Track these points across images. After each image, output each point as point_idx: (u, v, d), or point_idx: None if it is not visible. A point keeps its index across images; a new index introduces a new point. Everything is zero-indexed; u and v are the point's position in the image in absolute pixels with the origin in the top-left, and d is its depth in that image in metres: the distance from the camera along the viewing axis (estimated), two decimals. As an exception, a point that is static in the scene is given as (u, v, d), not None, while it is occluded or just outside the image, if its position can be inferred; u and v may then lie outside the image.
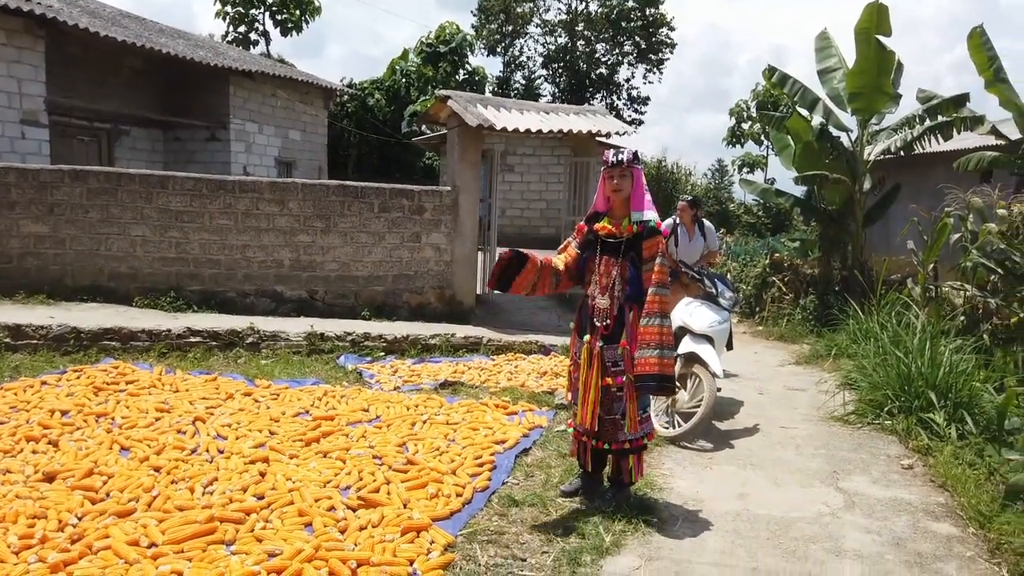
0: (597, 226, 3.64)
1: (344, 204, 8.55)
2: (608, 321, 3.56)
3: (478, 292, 9.44)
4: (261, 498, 3.60)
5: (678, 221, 7.14)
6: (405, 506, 3.56)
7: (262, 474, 3.90)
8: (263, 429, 4.67)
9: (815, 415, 5.68)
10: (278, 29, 25.18)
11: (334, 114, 22.03)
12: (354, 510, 3.52)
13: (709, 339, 5.13)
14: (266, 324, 7.26)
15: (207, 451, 4.25)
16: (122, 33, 12.74)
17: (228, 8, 24.61)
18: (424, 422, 4.92)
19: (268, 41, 25.37)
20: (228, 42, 23.61)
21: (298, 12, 24.61)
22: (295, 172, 16.81)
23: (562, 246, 3.83)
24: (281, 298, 8.47)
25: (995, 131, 10.29)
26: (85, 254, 8.02)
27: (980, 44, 9.81)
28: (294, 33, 25.24)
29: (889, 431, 5.12)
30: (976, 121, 9.81)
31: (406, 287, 8.80)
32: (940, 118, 9.94)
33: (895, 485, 4.15)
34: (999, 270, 6.55)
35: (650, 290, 3.49)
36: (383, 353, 7.12)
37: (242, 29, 25.00)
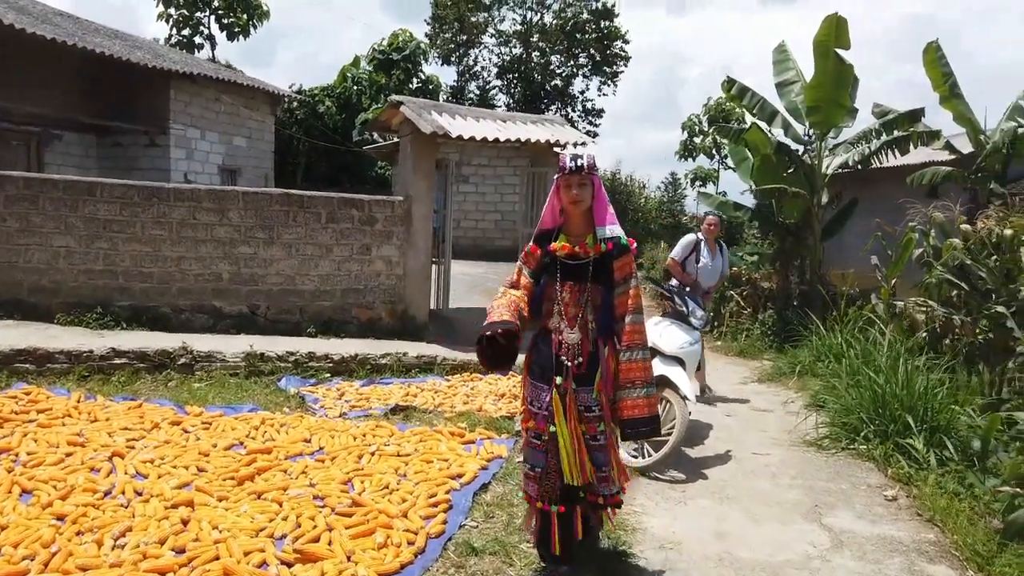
0: (554, 246, 3.02)
1: (289, 214, 8.05)
2: (581, 359, 2.97)
3: (432, 307, 9.02)
4: (181, 552, 3.13)
5: (702, 238, 6.74)
6: (349, 558, 3.13)
7: (184, 521, 3.41)
8: (190, 465, 4.17)
9: (786, 439, 5.42)
10: (224, 33, 24.37)
11: (282, 121, 21.36)
12: (290, 565, 3.07)
13: (680, 361, 4.82)
14: (201, 343, 6.71)
15: (123, 493, 3.73)
16: (52, 31, 11.99)
17: (171, 11, 23.72)
18: (372, 454, 4.48)
19: (214, 45, 24.56)
20: (172, 45, 22.73)
21: (245, 16, 23.85)
22: (240, 180, 16.13)
23: (512, 277, 3.13)
24: (219, 314, 7.91)
25: (949, 146, 10.35)
26: (1, 267, 7.35)
27: (935, 60, 9.85)
28: (241, 37, 24.44)
29: (866, 457, 4.88)
30: (932, 136, 9.84)
31: (355, 302, 8.33)
32: (896, 133, 9.94)
33: (882, 520, 3.88)
34: (965, 287, 6.41)
35: (627, 318, 2.96)
36: (329, 375, 6.64)
37: (186, 32, 24.13)
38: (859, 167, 10.13)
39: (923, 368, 5.27)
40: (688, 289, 6.28)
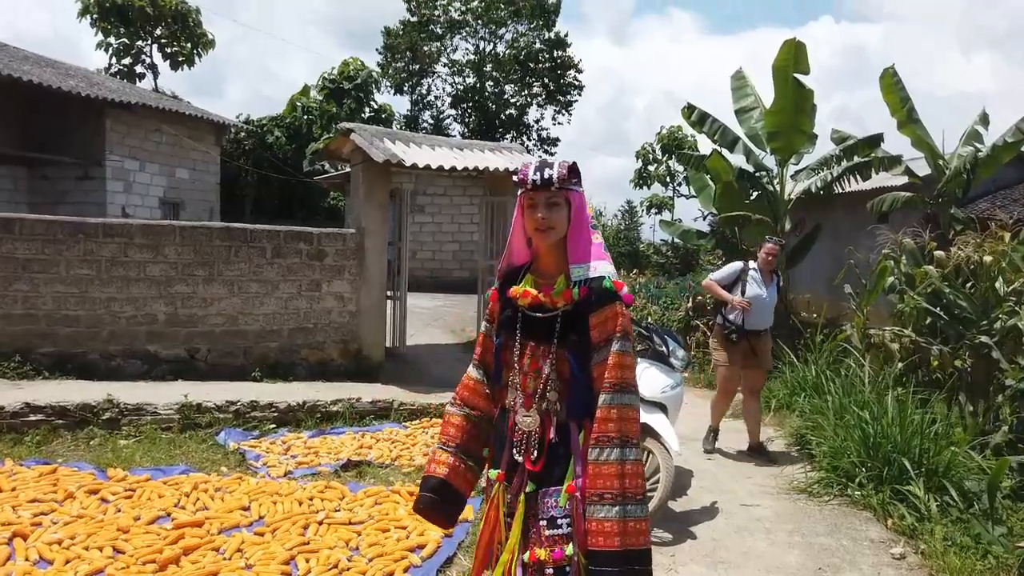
0: (514, 291, 2.15)
1: (231, 249, 7.48)
2: (535, 451, 2.07)
3: (387, 345, 8.50)
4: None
5: (753, 267, 5.79)
6: (289, 668, 2.60)
7: (90, 625, 2.84)
8: (105, 546, 3.58)
9: (773, 485, 5.04)
10: (168, 63, 23.65)
11: (229, 152, 20.68)
12: None
13: (662, 407, 4.41)
14: (129, 394, 6.07)
15: (18, 589, 3.14)
16: (-25, 57, 11.25)
17: (111, 39, 22.93)
18: (321, 523, 3.94)
19: (156, 75, 23.80)
20: (112, 75, 21.92)
21: (189, 45, 23.20)
22: (183, 214, 15.41)
23: (479, 348, 2.32)
24: (155, 359, 7.26)
25: (909, 171, 10.31)
26: (-97, 313, 6.62)
27: (892, 84, 9.83)
28: (186, 67, 23.78)
29: (861, 505, 4.52)
30: (893, 161, 9.77)
31: (304, 342, 7.76)
32: (856, 158, 9.85)
33: (893, 584, 3.51)
34: (943, 315, 6.18)
35: (603, 398, 2.01)
36: (274, 425, 6.05)
37: (127, 62, 23.33)
38: (822, 193, 9.99)
39: (914, 405, 4.95)
40: (740, 313, 5.62)
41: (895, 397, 4.99)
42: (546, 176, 2.06)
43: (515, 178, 2.12)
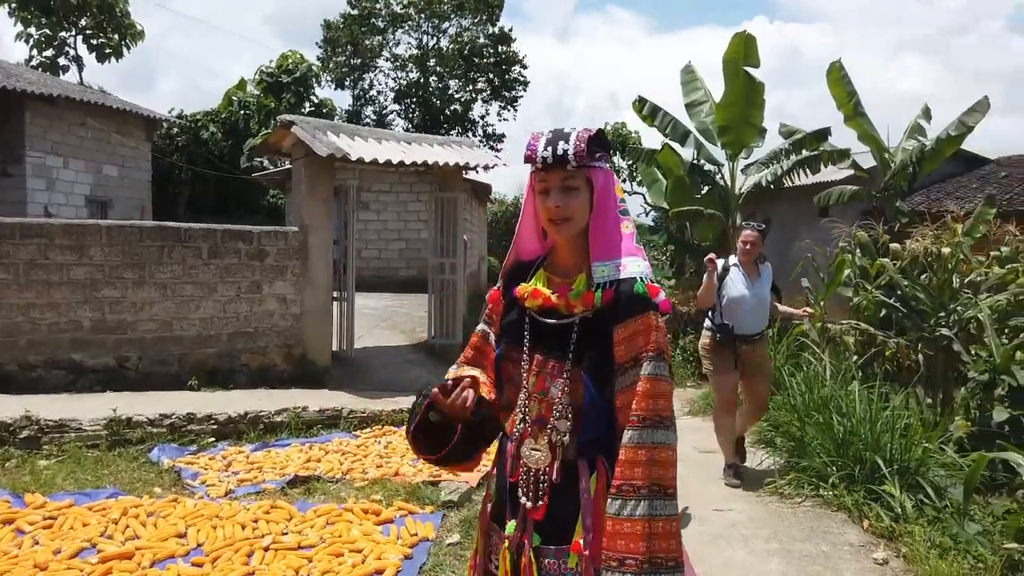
0: (521, 290, 1.75)
1: (164, 250, 6.98)
2: (544, 496, 1.67)
3: (334, 348, 8.10)
4: None
5: (734, 262, 5.00)
6: None
7: None
8: (18, 587, 3.17)
9: (744, 487, 4.87)
10: (94, 55, 22.48)
11: (162, 148, 19.76)
12: None
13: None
14: (51, 408, 5.56)
15: (-89, 645, 2.72)
16: None
17: (32, 30, 21.66)
18: (267, 549, 3.59)
19: (81, 67, 22.59)
20: (32, 67, 20.70)
21: (117, 36, 22.08)
22: (111, 213, 14.59)
23: (471, 350, 1.90)
24: (80, 369, 6.72)
25: (855, 165, 10.40)
26: None
27: (839, 79, 9.88)
28: (113, 59, 22.62)
29: (835, 506, 4.38)
30: (841, 155, 9.82)
31: (245, 347, 7.32)
32: (805, 152, 9.87)
33: (880, 593, 3.36)
34: (902, 308, 6.15)
35: (629, 435, 1.58)
36: (213, 439, 5.61)
37: (49, 53, 22.09)
38: (772, 187, 9.99)
39: (881, 401, 4.85)
40: (722, 315, 4.88)
41: (863, 393, 4.87)
42: (560, 151, 1.63)
43: (525, 153, 1.69)
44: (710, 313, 5.06)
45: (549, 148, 1.64)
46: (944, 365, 5.84)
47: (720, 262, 4.95)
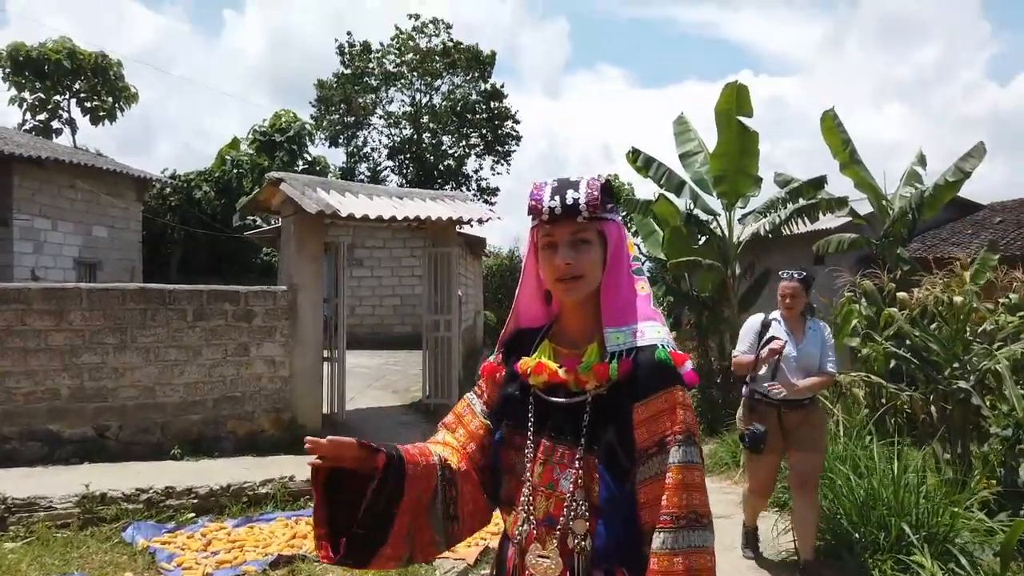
0: (524, 365, 1.51)
1: (147, 313, 6.75)
2: None
3: (325, 411, 7.80)
4: None
5: (776, 317, 4.32)
6: None
7: None
8: None
9: (759, 560, 4.55)
10: (88, 118, 22.62)
11: (154, 209, 19.69)
12: None
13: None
14: (21, 484, 5.24)
15: None
16: None
17: (26, 94, 21.82)
18: (243, 644, 3.26)
19: (74, 130, 22.72)
20: (26, 131, 20.78)
21: (110, 99, 22.25)
22: (101, 274, 14.40)
23: (451, 416, 1.67)
24: (57, 440, 6.42)
25: (853, 212, 10.30)
26: None
27: (833, 127, 9.84)
28: (107, 122, 22.78)
29: (860, 578, 4.06)
30: (839, 203, 9.70)
31: (231, 412, 7.03)
32: (802, 201, 9.76)
33: None
34: (915, 360, 5.90)
35: (660, 539, 1.33)
36: (193, 514, 5.27)
37: (43, 117, 22.21)
38: (770, 236, 9.84)
39: (895, 458, 4.57)
40: (771, 368, 4.14)
41: (887, 452, 4.60)
42: (570, 201, 1.41)
43: (528, 204, 1.47)
44: (749, 379, 4.30)
45: (556, 197, 1.42)
46: (962, 419, 5.57)
47: (759, 317, 4.35)
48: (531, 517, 1.42)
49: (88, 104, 22.33)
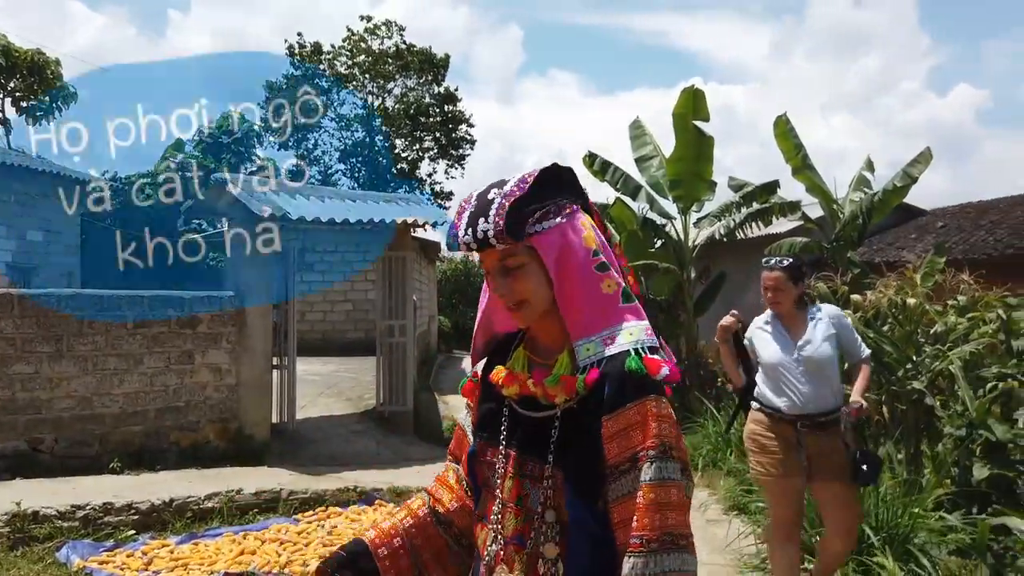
0: (496, 375, 1.43)
1: (84, 320, 6.42)
2: None
3: (274, 420, 7.54)
4: None
5: (768, 318, 3.63)
6: None
7: None
8: None
9: (723, 563, 4.51)
10: (24, 117, 21.66)
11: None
12: None
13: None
14: (-56, 505, 4.89)
15: None
16: None
17: (-46, 93, 20.81)
18: (186, 672, 3.05)
19: (8, 130, 21.70)
20: (-45, 131, 19.82)
21: (48, 98, 21.37)
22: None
23: (453, 441, 1.60)
24: (-15, 455, 6.04)
25: (805, 217, 10.45)
26: None
27: (786, 132, 9.97)
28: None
29: (823, 580, 4.03)
30: (792, 207, 9.84)
31: (175, 423, 6.73)
32: (756, 204, 9.86)
33: None
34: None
35: (630, 564, 1.21)
36: (134, 531, 4.99)
37: (-28, 117, 21.21)
38: (725, 240, 9.92)
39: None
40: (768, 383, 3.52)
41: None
42: (480, 235, 1.28)
43: (447, 237, 1.39)
44: (756, 390, 3.63)
45: (469, 230, 1.30)
46: (915, 420, 5.64)
47: (758, 320, 3.69)
48: (499, 536, 1.34)
49: (24, 104, 21.40)
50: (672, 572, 1.20)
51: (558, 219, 1.31)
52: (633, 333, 1.30)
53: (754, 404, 3.63)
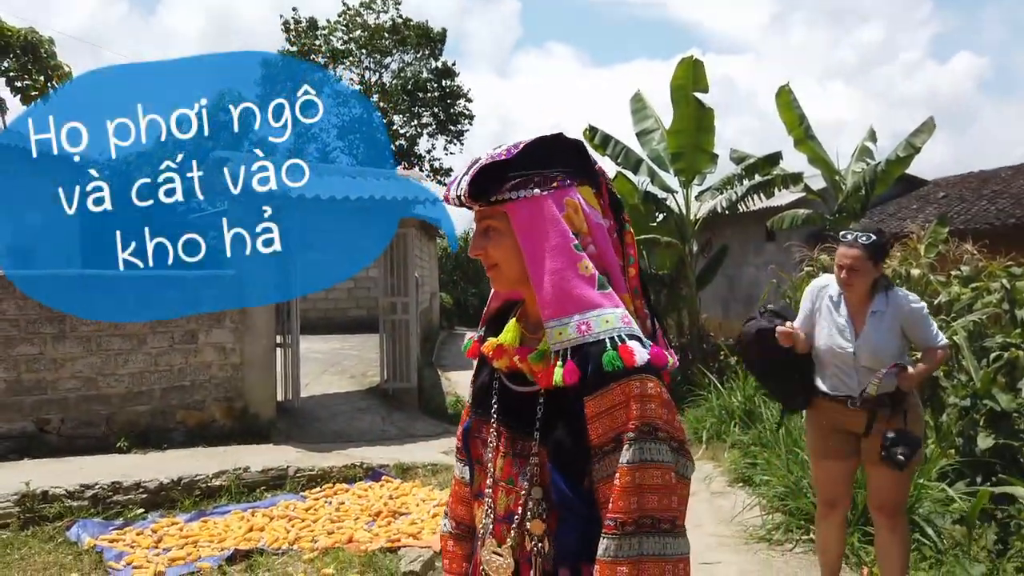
0: (487, 346, 1.40)
1: (88, 300, 6.40)
2: None
3: (279, 398, 7.57)
4: None
5: (833, 294, 3.19)
6: None
7: None
8: None
9: (729, 534, 4.54)
10: (19, 98, 21.49)
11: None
12: None
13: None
14: (-47, 486, 4.92)
15: None
16: None
17: (-53, 73, 20.60)
18: (200, 647, 3.09)
19: (3, 111, 21.52)
20: (-50, 111, 19.62)
21: (42, 78, 21.16)
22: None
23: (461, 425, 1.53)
24: (-7, 436, 6.07)
25: (808, 188, 10.40)
26: None
27: (788, 103, 9.89)
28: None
29: (829, 551, 4.06)
30: (794, 178, 9.78)
31: (181, 403, 6.75)
32: (758, 177, 9.80)
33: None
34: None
35: (604, 545, 1.18)
36: (143, 510, 5.03)
37: (-33, 97, 21.01)
38: (727, 212, 9.88)
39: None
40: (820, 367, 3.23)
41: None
42: (456, 191, 1.28)
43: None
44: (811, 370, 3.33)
45: (452, 187, 1.30)
46: (919, 390, 5.66)
47: (818, 283, 3.29)
48: (490, 507, 1.34)
49: (18, 84, 21.20)
50: (651, 556, 1.16)
51: (537, 190, 1.25)
52: (609, 322, 1.23)
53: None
